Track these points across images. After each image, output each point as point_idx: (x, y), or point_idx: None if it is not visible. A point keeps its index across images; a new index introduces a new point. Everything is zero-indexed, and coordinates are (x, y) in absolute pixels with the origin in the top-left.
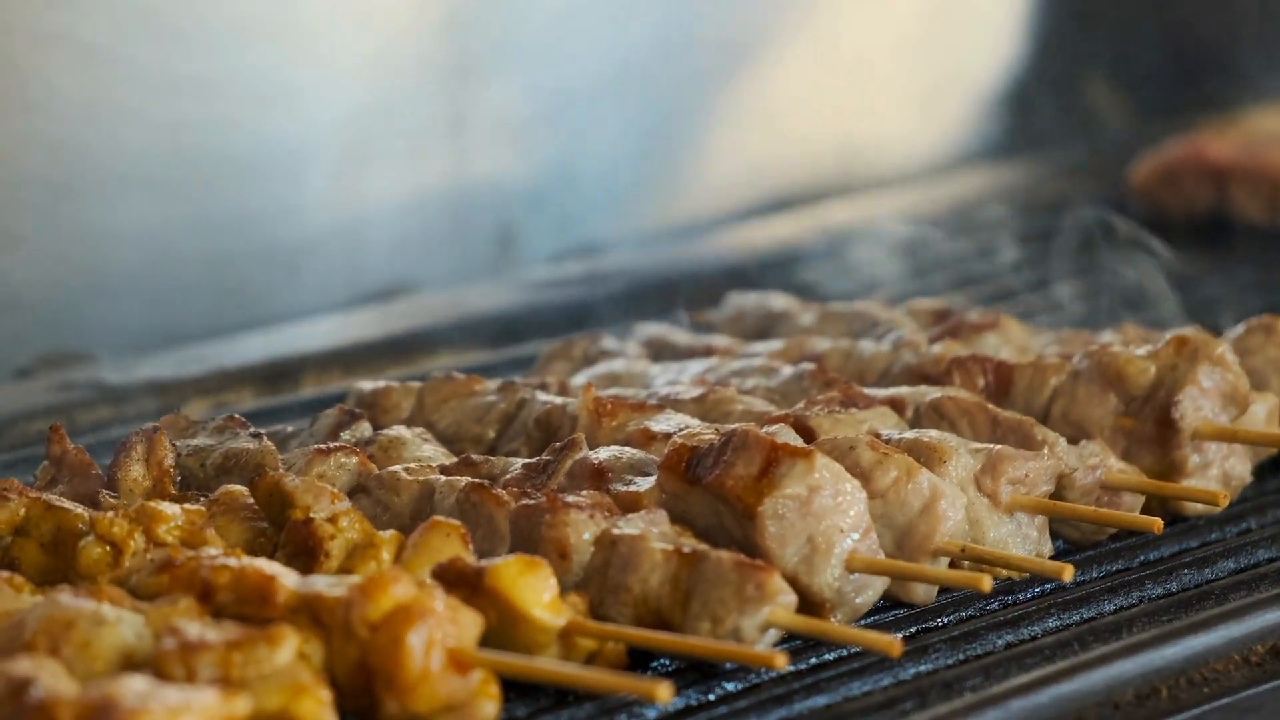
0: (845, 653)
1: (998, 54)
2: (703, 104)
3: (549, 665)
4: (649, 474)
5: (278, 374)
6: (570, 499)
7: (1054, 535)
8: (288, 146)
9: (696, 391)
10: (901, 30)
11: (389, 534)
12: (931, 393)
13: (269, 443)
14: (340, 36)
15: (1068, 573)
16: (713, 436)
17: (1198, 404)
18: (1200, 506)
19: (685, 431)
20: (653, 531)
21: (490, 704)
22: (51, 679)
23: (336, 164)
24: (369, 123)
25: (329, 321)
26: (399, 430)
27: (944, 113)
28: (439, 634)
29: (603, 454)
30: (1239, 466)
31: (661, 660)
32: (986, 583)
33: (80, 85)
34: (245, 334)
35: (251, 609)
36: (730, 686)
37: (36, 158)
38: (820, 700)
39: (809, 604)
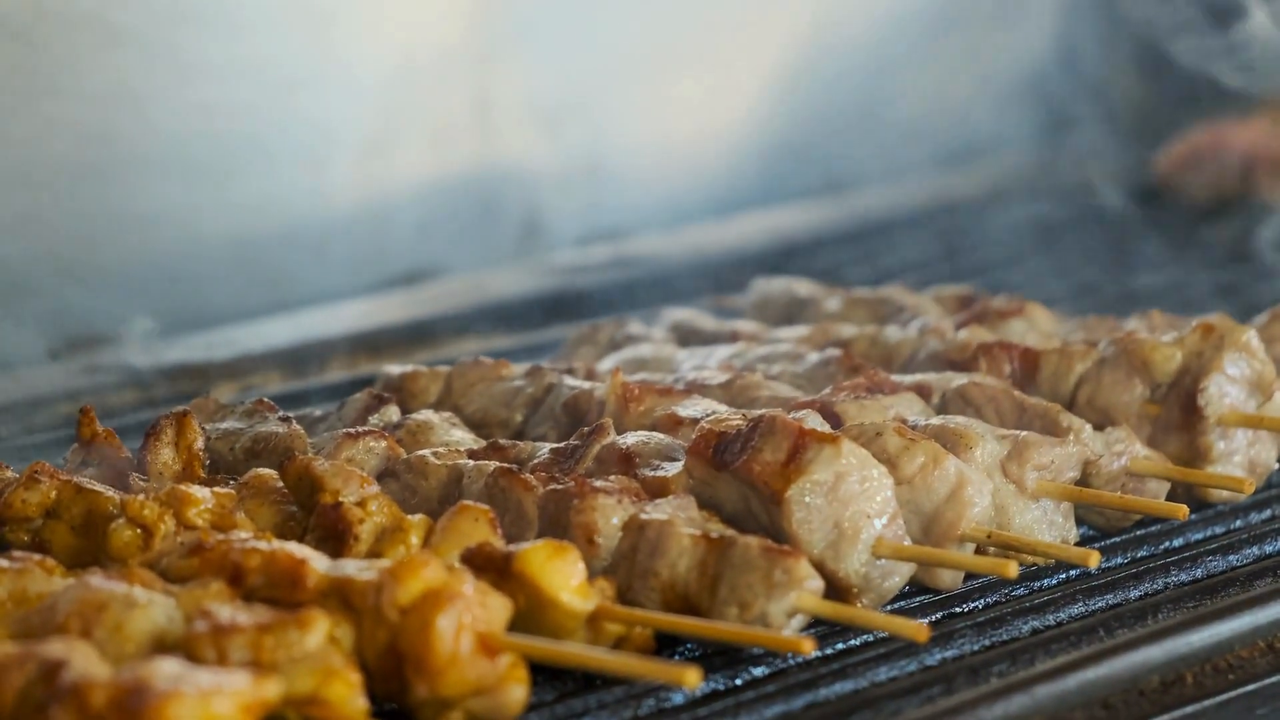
0: (872, 638)
1: (1020, 39)
2: (728, 88)
3: (577, 650)
4: (676, 459)
5: (304, 357)
6: (599, 484)
7: (1078, 521)
8: (314, 131)
9: (723, 377)
10: (927, 15)
11: (418, 518)
12: (958, 379)
13: (298, 426)
14: (366, 21)
15: (1094, 559)
16: (740, 422)
17: (1223, 391)
18: (1225, 493)
19: (713, 417)
20: (680, 516)
21: (519, 688)
22: (84, 661)
23: (363, 149)
24: (395, 107)
25: (355, 305)
26: (427, 415)
27: (966, 98)
28: (468, 618)
29: (630, 439)
30: (1264, 453)
31: (688, 645)
32: (1013, 569)
33: (108, 69)
34: (271, 317)
35: (282, 592)
36: (757, 671)
37: (64, 141)
38: (847, 685)
39: (836, 589)
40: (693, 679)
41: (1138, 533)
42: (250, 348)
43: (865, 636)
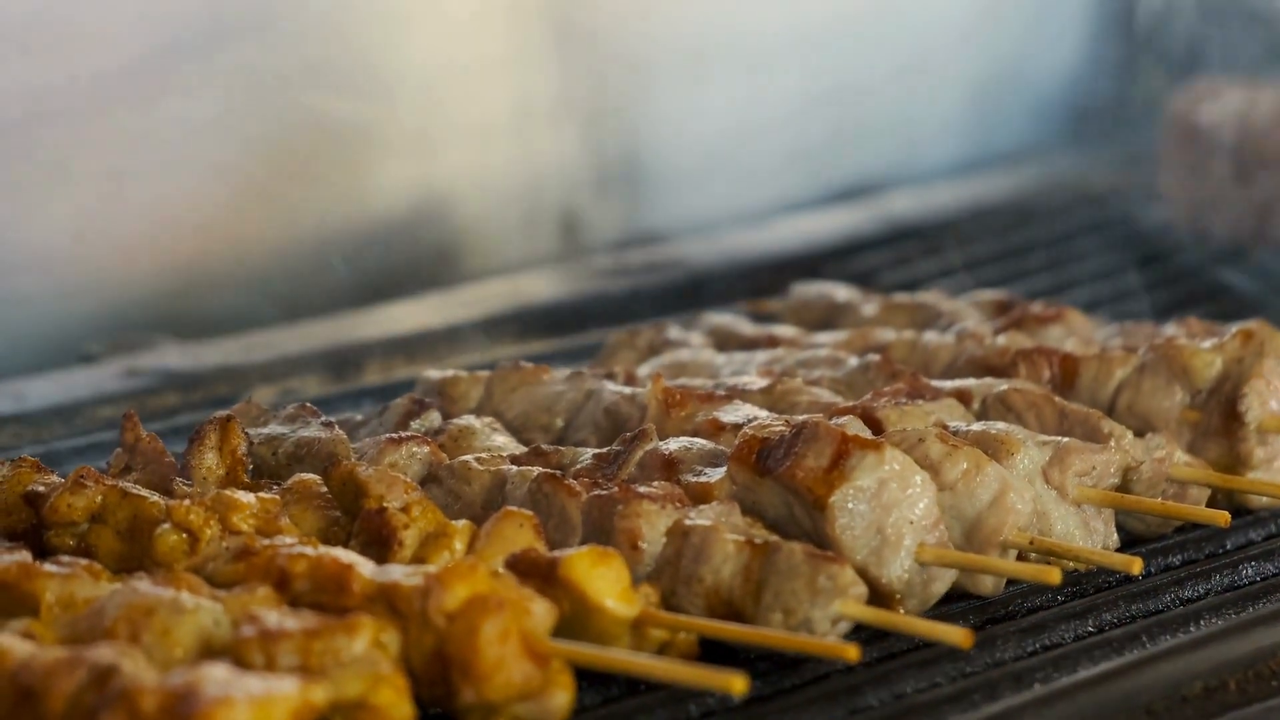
0: (915, 644)
1: (1054, 45)
2: (765, 92)
3: (623, 655)
4: (719, 465)
5: (342, 361)
6: (642, 489)
7: (1119, 528)
8: (353, 134)
9: (764, 382)
10: (959, 22)
11: (462, 524)
12: (998, 385)
13: (340, 431)
14: (405, 25)
15: (1137, 565)
16: (783, 428)
17: (1264, 397)
18: (1266, 499)
19: (755, 423)
20: (724, 522)
21: (564, 693)
22: (133, 666)
23: (401, 152)
24: (433, 111)
25: (392, 309)
26: (469, 420)
27: (1001, 105)
28: (514, 624)
29: (673, 445)
30: None
31: (731, 650)
32: (1055, 575)
33: (143, 73)
34: (309, 321)
35: (328, 598)
36: (801, 677)
37: (101, 145)
38: (891, 691)
39: (878, 595)
40: (739, 685)
41: (1179, 539)
42: (288, 351)
43: (908, 642)
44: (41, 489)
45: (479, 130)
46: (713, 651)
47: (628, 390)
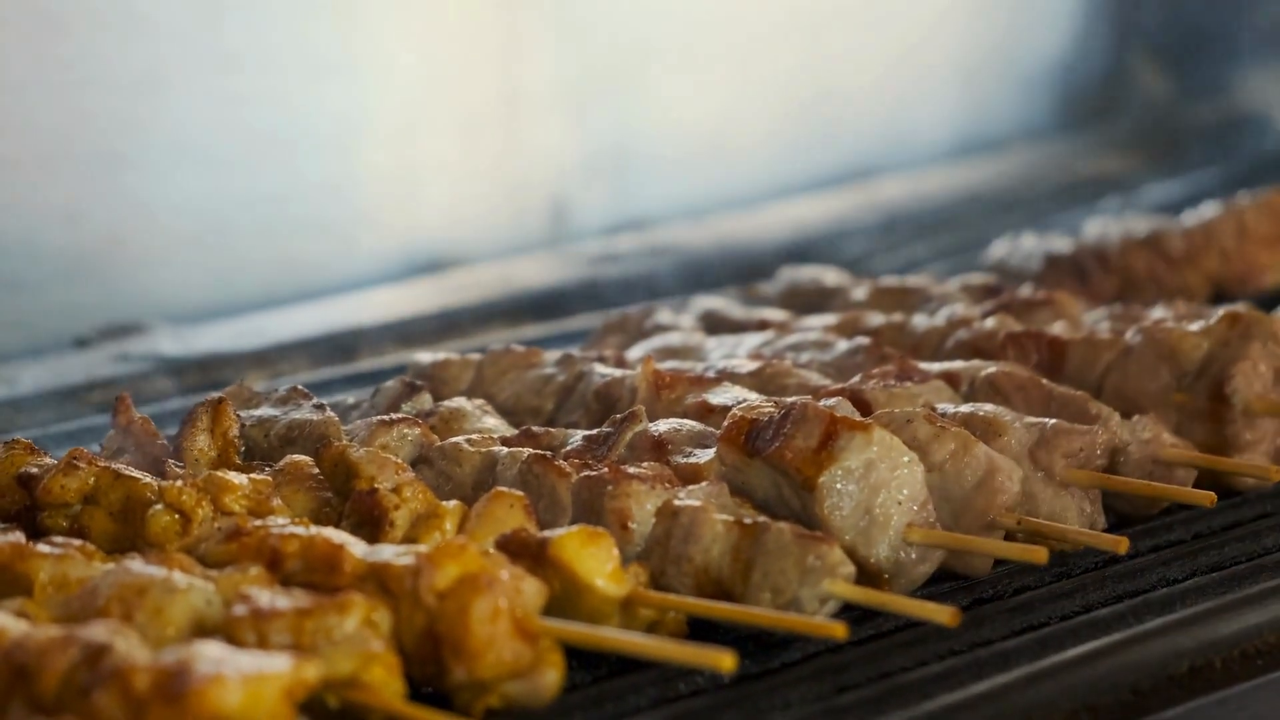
0: (902, 623)
1: (1044, 29)
2: (754, 78)
3: (613, 634)
4: (708, 446)
5: (333, 346)
6: (632, 470)
7: (1106, 509)
8: (342, 120)
9: (753, 365)
10: (949, 7)
11: (453, 504)
12: (987, 367)
13: (332, 414)
14: (394, 10)
15: (1124, 545)
16: (772, 409)
17: (1250, 379)
18: (1252, 480)
19: (744, 404)
20: (714, 503)
21: (554, 671)
22: (126, 645)
23: (391, 137)
24: (423, 96)
25: (383, 294)
26: (460, 402)
27: (991, 89)
28: (504, 602)
29: (663, 426)
30: None
31: (720, 629)
32: (1043, 555)
33: (137, 60)
34: (301, 306)
35: (320, 577)
36: (789, 656)
37: (94, 131)
38: (878, 670)
39: (866, 575)
40: (728, 663)
41: (1165, 520)
42: (279, 336)
43: (896, 621)
44: (35, 471)
45: (469, 116)
46: (702, 630)
47: (618, 373)
